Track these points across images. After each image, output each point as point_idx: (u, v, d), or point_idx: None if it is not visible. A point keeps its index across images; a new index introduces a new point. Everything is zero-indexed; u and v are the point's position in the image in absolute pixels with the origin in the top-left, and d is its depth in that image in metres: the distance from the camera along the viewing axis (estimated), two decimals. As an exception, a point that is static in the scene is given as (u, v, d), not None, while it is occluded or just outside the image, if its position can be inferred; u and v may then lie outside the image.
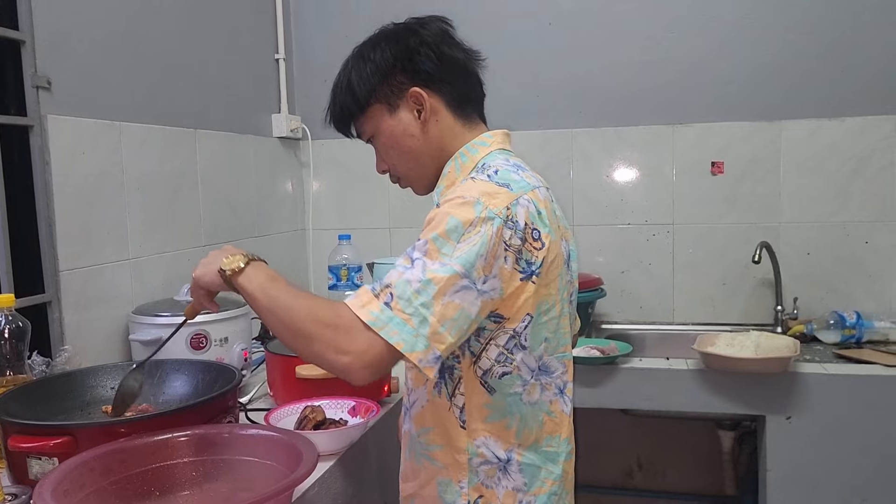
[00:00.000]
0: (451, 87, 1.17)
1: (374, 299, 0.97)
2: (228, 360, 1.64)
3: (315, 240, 2.68)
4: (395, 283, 0.97)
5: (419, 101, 1.15)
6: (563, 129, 2.50)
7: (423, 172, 1.20)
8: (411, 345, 0.95)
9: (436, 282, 0.96)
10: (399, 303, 0.95)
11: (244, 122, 2.35)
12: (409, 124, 1.16)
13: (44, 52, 1.55)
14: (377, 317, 0.95)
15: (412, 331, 0.95)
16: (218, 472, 1.10)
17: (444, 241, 0.99)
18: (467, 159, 1.16)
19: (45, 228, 1.57)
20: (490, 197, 1.02)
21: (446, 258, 0.97)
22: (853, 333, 2.16)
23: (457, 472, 1.11)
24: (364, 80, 1.16)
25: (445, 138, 1.17)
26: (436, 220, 1.02)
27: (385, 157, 1.21)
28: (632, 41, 2.43)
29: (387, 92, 1.16)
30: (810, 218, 2.35)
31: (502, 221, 1.01)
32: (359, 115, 1.19)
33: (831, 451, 1.89)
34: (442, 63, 1.16)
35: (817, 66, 2.30)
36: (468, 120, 1.19)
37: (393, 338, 0.94)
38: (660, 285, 2.48)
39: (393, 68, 1.15)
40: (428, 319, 0.95)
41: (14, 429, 1.09)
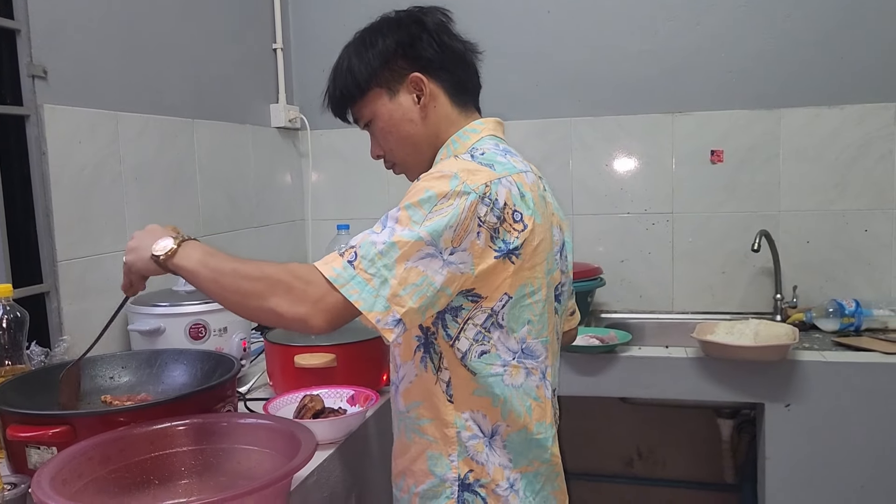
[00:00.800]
0: (450, 75, 1.18)
1: (338, 258, 0.99)
2: (227, 350, 1.64)
3: (314, 230, 2.68)
4: (360, 243, 0.99)
5: (419, 86, 1.16)
6: (562, 118, 2.49)
7: (419, 158, 1.21)
8: (370, 304, 0.96)
9: (400, 245, 0.98)
10: (362, 262, 0.97)
11: (242, 113, 2.34)
12: (408, 109, 1.17)
13: (39, 40, 1.55)
14: (339, 273, 0.97)
15: (373, 290, 0.97)
16: (217, 460, 1.10)
17: (416, 210, 1.01)
18: (459, 145, 1.17)
19: (43, 218, 1.57)
20: (469, 174, 1.04)
21: (415, 225, 0.99)
22: (852, 321, 2.15)
23: (446, 446, 1.13)
24: (365, 64, 1.17)
25: (442, 125, 1.18)
26: (412, 191, 1.04)
27: (382, 141, 1.22)
28: (631, 29, 2.42)
29: (387, 76, 1.17)
30: (810, 206, 2.34)
31: (478, 197, 1.02)
32: (358, 99, 1.19)
33: (830, 438, 1.90)
34: (442, 51, 1.17)
35: (817, 53, 2.30)
36: (464, 109, 1.21)
37: (353, 296, 0.96)
38: (659, 274, 2.48)
39: (394, 54, 1.16)
40: (389, 281, 0.97)
41: (13, 418, 1.09)
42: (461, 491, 1.12)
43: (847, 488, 1.90)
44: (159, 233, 1.10)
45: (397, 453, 1.22)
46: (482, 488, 1.12)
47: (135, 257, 1.11)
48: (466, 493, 1.12)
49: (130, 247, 1.12)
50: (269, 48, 2.53)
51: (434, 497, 1.14)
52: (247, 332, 1.76)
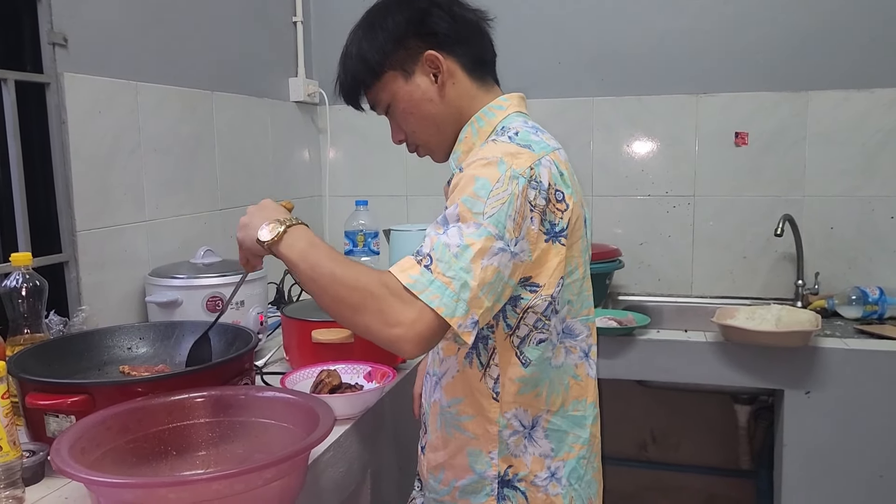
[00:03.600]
0: (466, 48, 1.14)
1: (415, 264, 0.96)
2: (244, 324, 1.63)
3: (331, 206, 2.67)
4: (433, 246, 0.96)
5: (435, 64, 1.13)
6: (583, 98, 2.45)
7: (443, 138, 1.17)
8: (452, 309, 0.93)
9: (473, 246, 0.95)
10: (439, 265, 0.94)
11: (261, 86, 2.32)
12: (426, 89, 1.14)
13: (60, 8, 1.53)
14: (417, 279, 0.94)
15: (453, 294, 0.93)
16: (234, 433, 1.10)
17: (475, 201, 0.97)
18: (484, 123, 1.14)
19: (63, 188, 1.56)
20: (513, 157, 1.01)
21: (479, 218, 0.96)
22: (875, 309, 2.12)
23: (487, 443, 1.11)
24: (377, 47, 1.13)
25: (464, 101, 1.15)
26: (462, 183, 1.01)
27: (404, 124, 1.18)
28: (656, 8, 2.37)
29: (401, 58, 1.13)
30: (835, 191, 2.30)
31: (526, 181, 1.00)
32: (372, 85, 1.16)
33: (850, 426, 1.87)
34: (456, 24, 1.13)
35: (846, 35, 2.24)
36: (484, 83, 1.17)
37: (434, 301, 0.93)
38: (679, 257, 2.45)
39: (406, 33, 1.12)
40: (469, 283, 0.94)
41: (32, 386, 1.09)
42: (501, 487, 1.11)
43: (866, 477, 1.88)
44: (270, 212, 1.08)
45: (434, 446, 1.19)
46: (521, 482, 1.11)
47: (244, 235, 1.10)
48: (506, 489, 1.11)
49: (242, 223, 1.10)
50: (290, 21, 2.51)
51: (474, 493, 1.13)
52: (264, 307, 1.76)
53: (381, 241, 2.25)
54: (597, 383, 1.19)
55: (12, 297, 1.26)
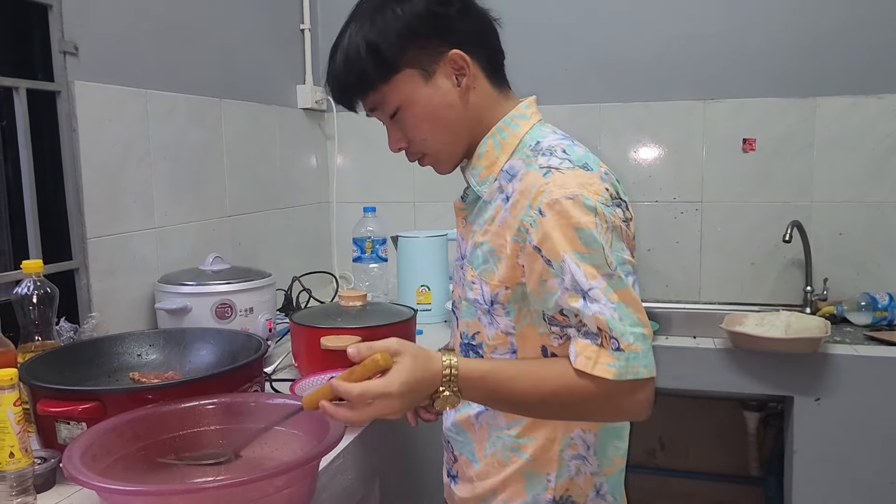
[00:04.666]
0: (485, 49, 1.06)
1: (601, 351, 0.93)
2: (253, 330, 1.64)
3: (339, 212, 2.67)
4: (606, 325, 0.92)
5: (460, 65, 1.02)
6: (591, 104, 2.46)
7: (457, 148, 1.08)
8: (650, 365, 0.94)
9: (624, 299, 0.93)
10: (623, 339, 0.92)
11: (269, 93, 2.33)
12: (447, 92, 1.03)
13: (71, 17, 1.54)
14: (619, 367, 0.92)
15: (644, 353, 0.93)
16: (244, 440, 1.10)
17: (592, 255, 0.93)
18: (508, 135, 1.06)
19: (73, 195, 1.57)
20: (589, 187, 0.96)
21: (607, 269, 0.93)
22: (885, 315, 2.11)
23: (546, 465, 1.07)
24: (391, 41, 1.00)
25: (484, 108, 1.06)
26: (558, 236, 0.94)
27: (413, 131, 1.07)
28: (663, 13, 2.37)
29: (421, 56, 1.02)
30: (844, 197, 2.29)
31: (612, 207, 0.97)
32: (382, 84, 1.03)
33: (860, 433, 1.86)
34: (475, 22, 1.05)
35: (854, 41, 2.24)
36: (502, 87, 1.09)
37: (640, 372, 0.93)
38: (687, 264, 2.44)
39: (428, 27, 1.01)
40: (644, 332, 0.94)
41: (43, 393, 1.09)
42: None
43: (876, 485, 1.87)
44: (424, 387, 0.94)
45: (487, 472, 1.12)
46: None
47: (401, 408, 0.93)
48: None
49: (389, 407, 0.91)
50: (297, 29, 2.52)
51: None
52: (272, 313, 1.76)
53: (389, 248, 2.26)
54: None
55: (23, 304, 1.26)
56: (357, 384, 0.90)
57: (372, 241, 2.22)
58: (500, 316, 1.04)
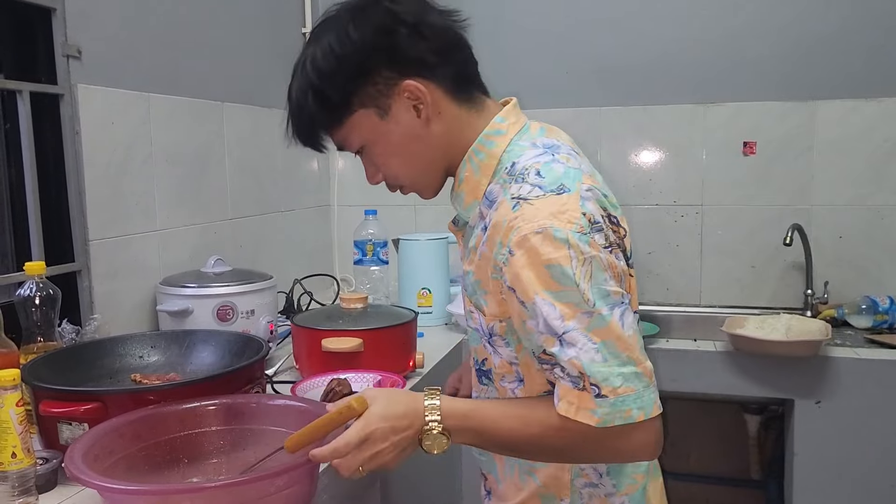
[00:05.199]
0: (447, 68, 0.98)
1: (583, 395, 0.87)
2: (255, 332, 1.64)
3: (340, 215, 2.68)
4: (586, 371, 0.86)
5: (416, 95, 0.96)
6: (590, 108, 2.46)
7: (433, 176, 1.04)
8: (648, 406, 0.87)
9: (608, 338, 0.87)
10: (605, 385, 0.86)
11: (271, 97, 2.33)
12: (407, 125, 0.97)
13: (74, 20, 1.55)
14: (602, 415, 0.86)
15: (637, 396, 0.87)
16: (245, 441, 1.10)
17: (566, 293, 0.87)
18: (485, 156, 0.99)
19: (76, 198, 1.58)
20: (559, 217, 0.88)
21: (585, 306, 0.87)
22: (886, 319, 2.12)
23: (559, 491, 1.05)
24: (338, 81, 0.95)
25: (453, 132, 0.99)
26: (528, 276, 0.88)
27: (383, 167, 1.03)
28: (663, 18, 2.38)
29: (372, 93, 0.96)
30: (844, 200, 2.30)
31: (588, 234, 0.88)
32: (337, 127, 0.99)
33: (861, 436, 1.86)
34: (429, 42, 0.96)
35: (853, 45, 2.24)
36: (472, 102, 1.01)
37: (633, 416, 0.86)
38: (687, 267, 2.45)
39: (373, 61, 0.94)
40: (636, 370, 0.87)
41: (46, 394, 1.10)
42: None
43: (876, 488, 1.86)
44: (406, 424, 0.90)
45: (507, 494, 1.10)
46: None
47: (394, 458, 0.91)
48: None
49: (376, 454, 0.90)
50: (299, 33, 2.52)
51: None
52: (273, 316, 1.77)
53: (390, 251, 2.26)
54: None
55: (26, 305, 1.27)
56: (331, 443, 0.89)
57: (373, 244, 2.22)
58: (500, 347, 1.01)
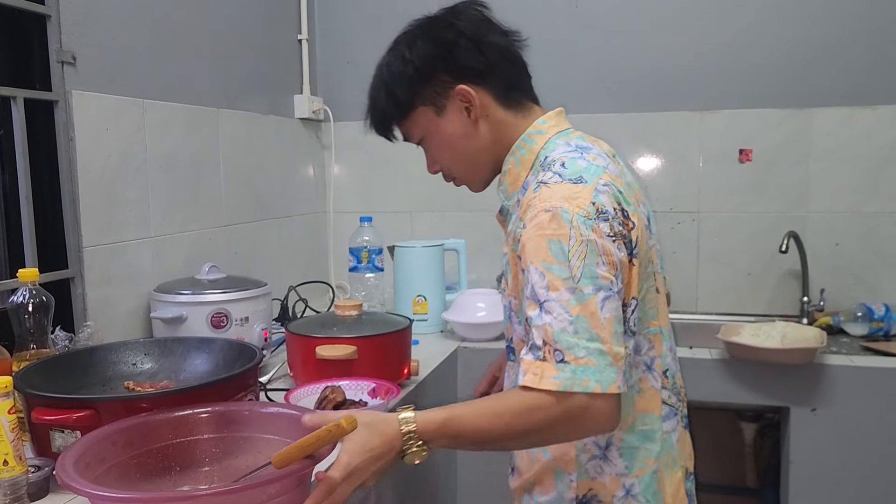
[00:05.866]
0: (497, 78, 1.14)
1: (544, 365, 0.93)
2: (249, 340, 1.64)
3: (336, 222, 2.67)
4: (554, 338, 0.94)
5: (467, 98, 1.12)
6: (588, 114, 2.46)
7: (481, 171, 1.19)
8: (606, 382, 0.92)
9: (583, 313, 0.94)
10: (569, 353, 0.93)
11: (266, 103, 2.34)
12: (459, 124, 1.14)
13: (69, 27, 1.55)
14: (563, 379, 0.92)
15: (598, 370, 0.92)
16: (238, 448, 1.09)
17: (558, 267, 0.96)
18: (526, 151, 1.14)
19: (69, 204, 1.57)
20: (571, 201, 0.99)
21: (570, 282, 0.95)
22: (881, 326, 2.12)
23: (567, 465, 1.13)
24: (404, 82, 1.13)
25: (500, 132, 1.15)
26: (532, 245, 0.98)
27: (438, 158, 1.19)
28: (660, 25, 2.38)
29: (430, 93, 1.13)
30: (840, 208, 2.30)
31: (594, 220, 0.98)
32: (403, 120, 1.17)
33: (856, 444, 1.86)
34: (485, 54, 1.13)
35: (850, 52, 2.25)
36: (520, 108, 1.16)
37: (589, 387, 0.92)
38: (684, 274, 2.45)
39: (434, 67, 1.12)
40: (602, 349, 0.93)
41: (38, 401, 1.09)
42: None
43: (872, 495, 1.86)
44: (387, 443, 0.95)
45: (525, 467, 1.20)
46: (600, 503, 1.12)
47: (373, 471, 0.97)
48: None
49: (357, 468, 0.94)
50: (295, 39, 2.53)
51: None
52: (268, 323, 1.76)
53: (386, 258, 2.26)
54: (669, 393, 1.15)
55: (19, 312, 1.27)
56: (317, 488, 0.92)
57: (368, 251, 2.22)
58: (515, 323, 1.13)
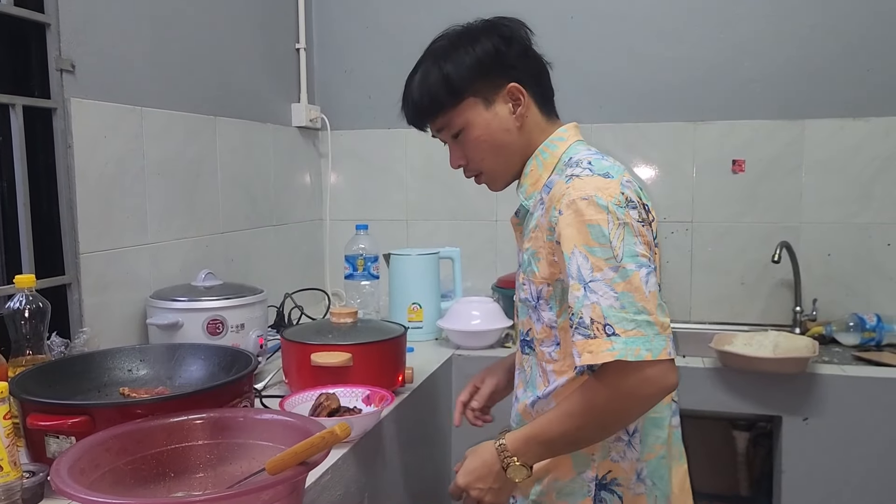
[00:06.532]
0: (538, 86, 1.22)
1: (596, 341, 1.00)
2: (244, 347, 1.65)
3: (332, 230, 2.68)
4: (603, 314, 1.00)
5: (517, 96, 1.19)
6: (583, 125, 2.43)
7: (510, 167, 1.24)
8: (658, 349, 0.98)
9: (629, 289, 1.00)
10: (619, 326, 0.99)
11: (264, 111, 2.35)
12: (504, 118, 1.19)
13: (68, 35, 1.56)
14: (616, 349, 0.98)
15: (647, 339, 0.98)
16: (232, 455, 1.10)
17: (600, 248, 1.03)
18: (548, 155, 1.20)
19: (67, 211, 1.58)
20: (604, 190, 1.06)
21: (613, 262, 1.02)
22: (873, 336, 2.13)
23: (590, 446, 1.16)
24: (462, 72, 1.18)
25: (533, 134, 1.21)
26: (571, 231, 1.05)
27: (472, 151, 1.22)
28: (654, 36, 2.41)
29: (484, 86, 1.18)
30: (832, 219, 2.32)
31: (625, 207, 1.05)
32: (450, 109, 1.20)
33: (848, 453, 1.87)
34: (532, 63, 1.22)
35: (842, 64, 2.28)
36: (549, 116, 1.24)
37: (641, 355, 0.98)
38: (677, 283, 2.46)
39: (492, 63, 1.18)
40: (650, 320, 0.99)
41: (33, 407, 1.10)
42: (598, 490, 1.16)
43: (864, 505, 1.87)
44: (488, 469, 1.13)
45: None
46: (618, 487, 1.16)
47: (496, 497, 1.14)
48: (603, 492, 1.16)
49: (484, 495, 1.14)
50: (293, 48, 2.54)
51: (571, 494, 1.18)
52: (263, 330, 1.77)
53: (381, 265, 2.27)
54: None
55: (15, 318, 1.27)
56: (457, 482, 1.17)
57: (364, 259, 2.23)
58: (544, 311, 1.17)
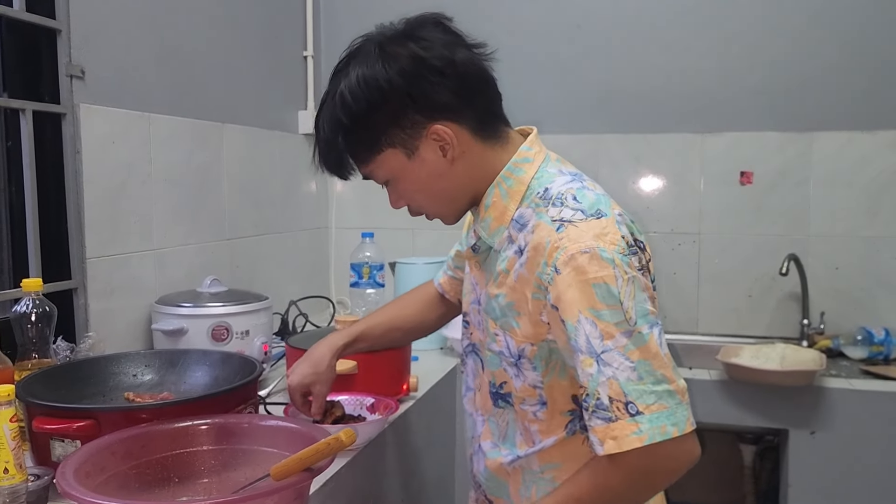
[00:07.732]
0: (473, 109, 1.02)
1: (619, 424, 0.90)
2: (249, 353, 1.64)
3: (337, 237, 2.69)
4: (620, 392, 0.90)
5: (443, 138, 1.01)
6: (590, 134, 2.48)
7: (456, 205, 1.09)
8: (680, 422, 0.90)
9: (644, 357, 0.90)
10: (640, 402, 0.89)
11: (271, 119, 2.36)
12: (434, 164, 1.02)
13: (79, 41, 1.57)
14: (644, 432, 0.89)
15: (670, 412, 0.90)
16: (237, 461, 1.10)
17: (610, 311, 0.91)
18: (514, 182, 1.04)
19: (74, 216, 1.58)
20: (602, 238, 0.93)
21: (626, 326, 0.91)
22: (881, 350, 2.12)
23: None
24: (368, 124, 1.00)
25: (479, 168, 1.04)
26: (572, 294, 0.92)
27: (408, 199, 1.09)
28: (663, 47, 2.41)
29: (400, 134, 1.01)
30: (840, 231, 2.31)
31: (628, 256, 0.94)
32: (366, 164, 1.05)
33: (855, 467, 1.86)
34: (456, 83, 1.00)
35: (850, 77, 2.27)
36: (497, 137, 1.06)
37: (669, 433, 0.89)
38: (684, 295, 2.45)
39: (403, 106, 0.99)
40: (669, 389, 0.90)
41: (39, 410, 1.10)
42: None
43: (872, 520, 1.86)
44: None
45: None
46: None
47: None
48: None
49: None
50: (300, 56, 2.55)
51: None
52: (268, 337, 1.77)
53: (387, 274, 2.27)
54: None
55: (22, 322, 1.27)
56: None
57: (369, 267, 2.23)
58: (527, 370, 1.04)
